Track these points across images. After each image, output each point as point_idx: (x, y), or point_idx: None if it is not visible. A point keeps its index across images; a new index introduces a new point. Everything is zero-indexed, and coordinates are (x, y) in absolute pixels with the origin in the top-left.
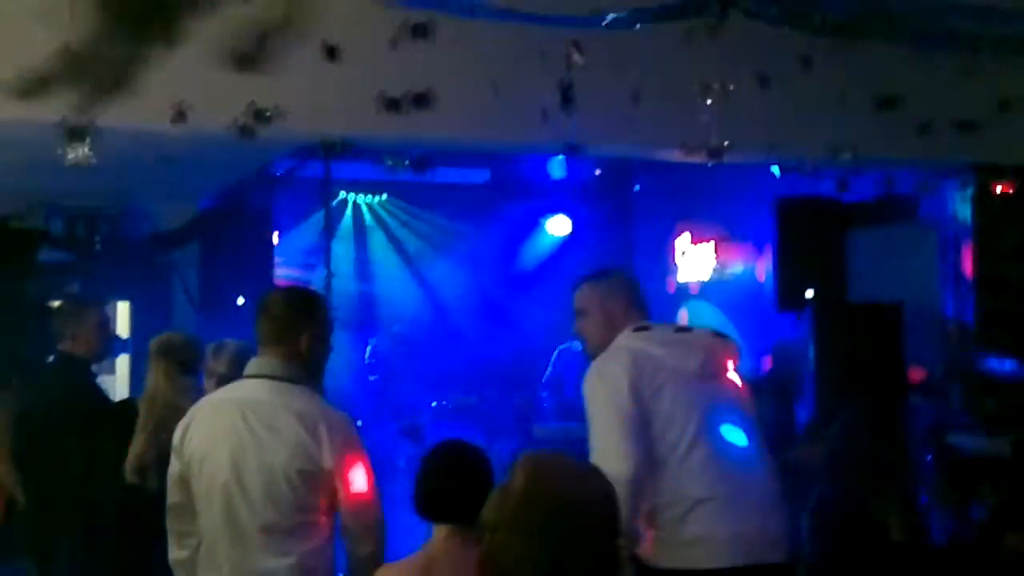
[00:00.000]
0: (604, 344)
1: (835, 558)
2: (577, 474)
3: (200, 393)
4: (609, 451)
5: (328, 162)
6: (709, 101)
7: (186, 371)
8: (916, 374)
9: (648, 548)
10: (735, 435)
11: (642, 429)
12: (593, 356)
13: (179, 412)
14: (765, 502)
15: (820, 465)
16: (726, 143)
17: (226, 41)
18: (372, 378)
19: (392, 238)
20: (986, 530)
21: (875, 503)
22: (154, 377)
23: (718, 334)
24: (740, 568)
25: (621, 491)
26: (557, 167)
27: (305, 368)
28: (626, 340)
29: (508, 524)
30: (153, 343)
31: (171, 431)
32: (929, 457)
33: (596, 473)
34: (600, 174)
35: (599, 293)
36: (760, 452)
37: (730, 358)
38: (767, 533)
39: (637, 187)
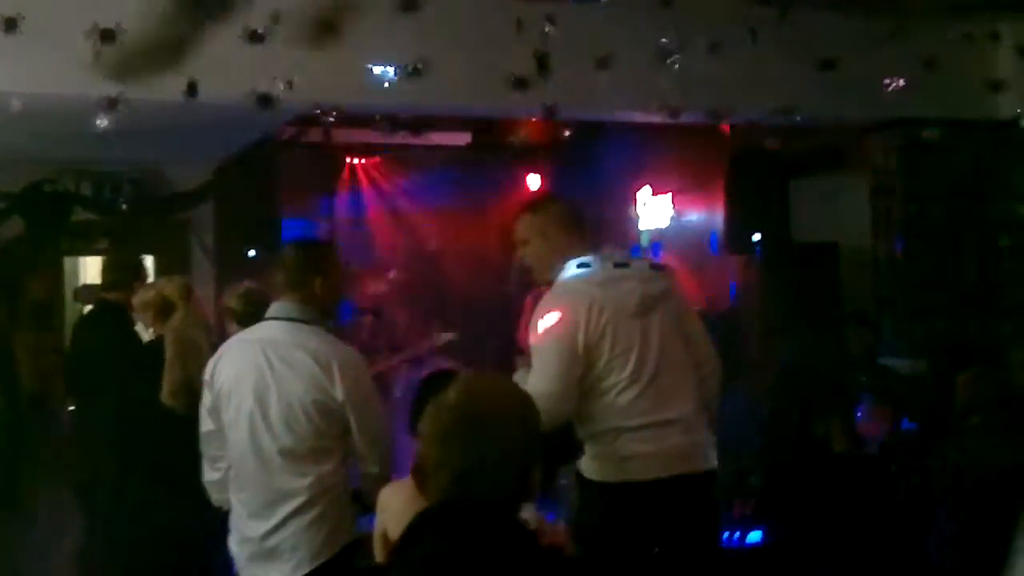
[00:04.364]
0: (548, 270)
1: (784, 467)
2: (498, 393)
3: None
4: (539, 388)
5: (328, 128)
6: (669, 66)
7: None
8: None
9: (588, 464)
10: (666, 367)
11: (576, 372)
12: (539, 282)
13: (195, 344)
14: (690, 420)
15: (770, 386)
16: (683, 104)
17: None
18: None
19: (385, 195)
20: (915, 441)
21: (816, 419)
22: (179, 317)
23: (655, 265)
24: (669, 478)
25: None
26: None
27: (319, 310)
28: (571, 280)
29: (430, 434)
30: (176, 289)
31: (193, 360)
32: (864, 378)
33: (519, 396)
34: (570, 134)
35: (538, 221)
36: (687, 375)
37: (667, 286)
38: (691, 447)
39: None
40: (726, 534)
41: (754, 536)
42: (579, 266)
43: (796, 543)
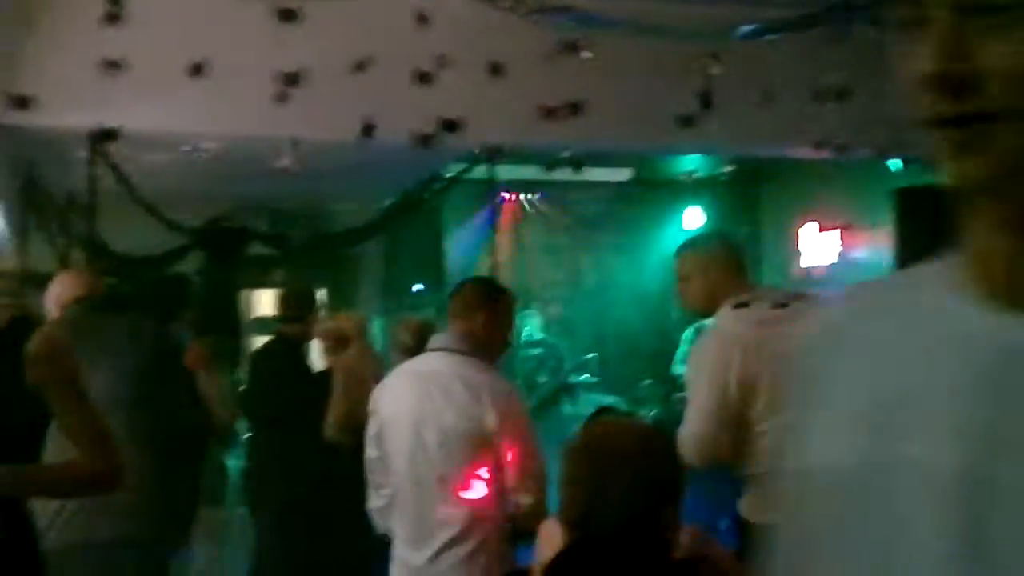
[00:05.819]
0: (707, 308)
1: None
2: (619, 435)
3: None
4: (689, 435)
5: (492, 165)
6: (834, 102)
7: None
8: None
9: (748, 506)
10: None
11: (727, 414)
12: (698, 317)
13: (362, 379)
14: None
15: None
16: (850, 140)
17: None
18: (535, 351)
19: (546, 230)
20: None
21: None
22: (353, 351)
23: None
24: None
25: (690, 460)
26: (692, 165)
27: (478, 343)
28: (727, 321)
29: (560, 477)
30: (354, 324)
31: (359, 394)
32: None
33: (644, 437)
34: (730, 170)
35: (701, 259)
36: None
37: None
38: None
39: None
40: None
41: None
42: (737, 306)
43: None
